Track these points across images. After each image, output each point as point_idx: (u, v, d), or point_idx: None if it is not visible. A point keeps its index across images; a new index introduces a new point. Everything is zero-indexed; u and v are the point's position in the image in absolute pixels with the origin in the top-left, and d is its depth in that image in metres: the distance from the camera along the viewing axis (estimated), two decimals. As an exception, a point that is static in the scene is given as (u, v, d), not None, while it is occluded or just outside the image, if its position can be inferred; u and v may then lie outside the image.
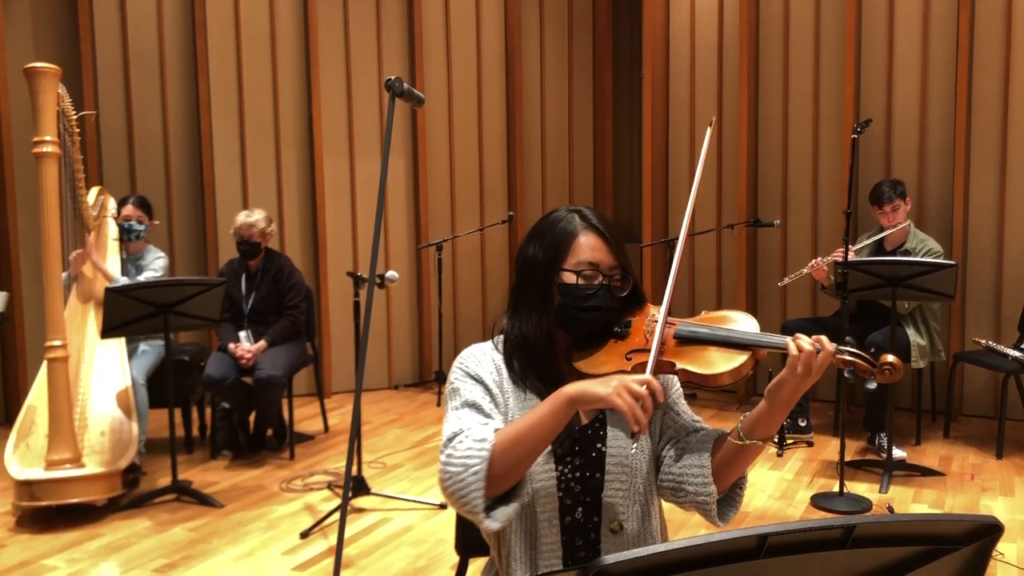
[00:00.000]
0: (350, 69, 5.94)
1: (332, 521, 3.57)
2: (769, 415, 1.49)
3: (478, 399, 1.53)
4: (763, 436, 1.50)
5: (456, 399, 1.55)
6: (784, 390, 1.47)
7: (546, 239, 1.60)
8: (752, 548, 0.82)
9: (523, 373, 1.59)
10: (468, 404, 1.52)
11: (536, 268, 1.60)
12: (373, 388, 6.13)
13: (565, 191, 6.91)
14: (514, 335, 1.61)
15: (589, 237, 1.59)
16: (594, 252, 1.58)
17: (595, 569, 0.78)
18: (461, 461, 1.40)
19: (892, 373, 1.47)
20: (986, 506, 3.71)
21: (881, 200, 4.54)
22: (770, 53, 5.58)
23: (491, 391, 1.57)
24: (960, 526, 0.90)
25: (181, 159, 5.71)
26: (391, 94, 1.78)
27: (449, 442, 1.45)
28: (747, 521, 3.58)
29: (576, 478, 1.57)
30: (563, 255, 1.58)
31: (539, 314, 1.59)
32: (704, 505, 1.54)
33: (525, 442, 1.41)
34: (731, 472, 1.54)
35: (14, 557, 3.30)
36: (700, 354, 1.53)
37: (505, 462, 1.40)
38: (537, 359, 1.59)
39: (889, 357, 1.47)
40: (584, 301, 1.56)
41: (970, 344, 4.92)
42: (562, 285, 1.57)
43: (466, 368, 1.59)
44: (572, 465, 1.56)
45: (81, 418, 3.84)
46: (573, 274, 1.57)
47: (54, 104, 3.72)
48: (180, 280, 4.28)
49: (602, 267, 1.58)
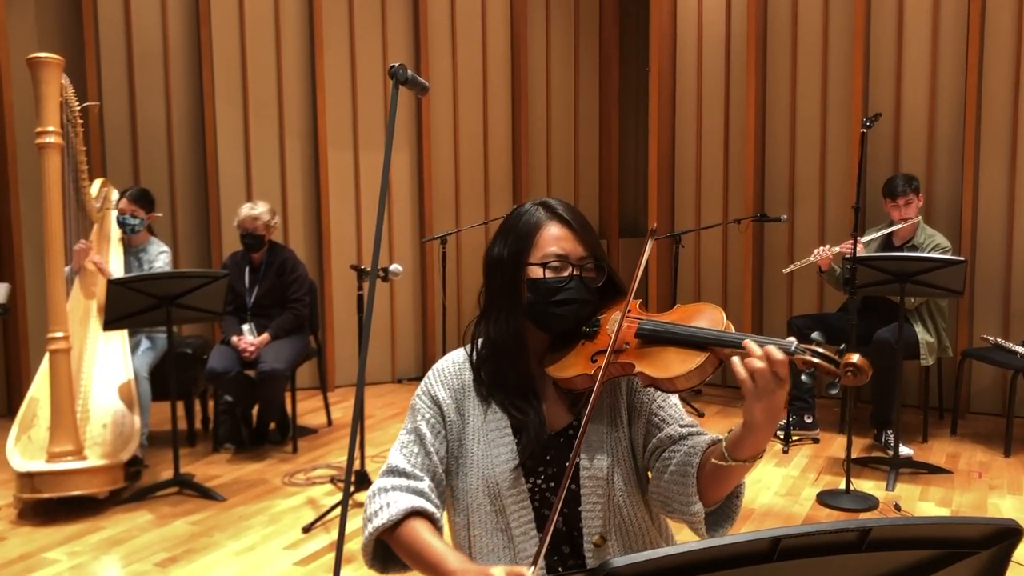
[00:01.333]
0: (354, 61, 5.91)
1: (334, 515, 3.56)
2: (750, 435, 1.34)
3: (425, 431, 1.54)
4: (748, 456, 1.36)
5: (410, 420, 1.58)
6: (753, 410, 1.32)
7: (511, 235, 1.53)
8: (765, 551, 0.79)
9: (491, 385, 1.53)
10: (418, 434, 1.55)
11: (502, 266, 1.52)
12: (376, 382, 6.12)
13: (570, 185, 6.88)
14: (485, 344, 1.56)
15: (555, 227, 1.50)
16: (560, 242, 1.49)
17: (604, 571, 0.76)
18: (372, 511, 1.49)
19: (856, 375, 1.29)
20: (994, 504, 3.68)
21: (895, 193, 4.50)
22: (778, 46, 5.54)
23: (447, 418, 1.55)
24: (978, 530, 0.88)
25: (185, 150, 5.69)
26: (395, 81, 1.75)
27: (390, 473, 1.53)
28: (753, 518, 3.56)
29: (550, 488, 1.50)
30: (528, 249, 1.50)
31: (507, 315, 1.52)
32: (691, 524, 1.45)
33: (411, 556, 1.45)
34: (720, 488, 1.42)
35: (15, 549, 3.29)
36: (659, 355, 1.41)
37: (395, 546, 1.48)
38: (505, 365, 1.53)
39: (854, 357, 1.29)
40: (554, 295, 1.48)
41: (978, 341, 4.88)
42: (530, 281, 1.50)
43: (431, 387, 1.58)
44: (546, 475, 1.51)
45: (83, 410, 3.83)
46: (539, 267, 1.49)
47: (57, 95, 3.70)
48: (183, 272, 4.27)
49: (571, 258, 1.49)
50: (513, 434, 1.51)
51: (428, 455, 1.53)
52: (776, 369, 1.28)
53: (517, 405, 1.52)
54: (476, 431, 1.53)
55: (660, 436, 1.51)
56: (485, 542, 1.52)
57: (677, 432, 1.50)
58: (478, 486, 1.51)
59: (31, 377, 4.04)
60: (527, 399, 1.53)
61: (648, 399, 1.54)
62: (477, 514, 1.52)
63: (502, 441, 1.51)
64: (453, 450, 1.55)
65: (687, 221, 5.91)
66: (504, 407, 1.52)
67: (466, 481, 1.53)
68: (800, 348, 1.31)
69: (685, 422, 1.53)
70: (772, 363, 1.28)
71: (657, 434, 1.52)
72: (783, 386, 1.30)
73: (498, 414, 1.52)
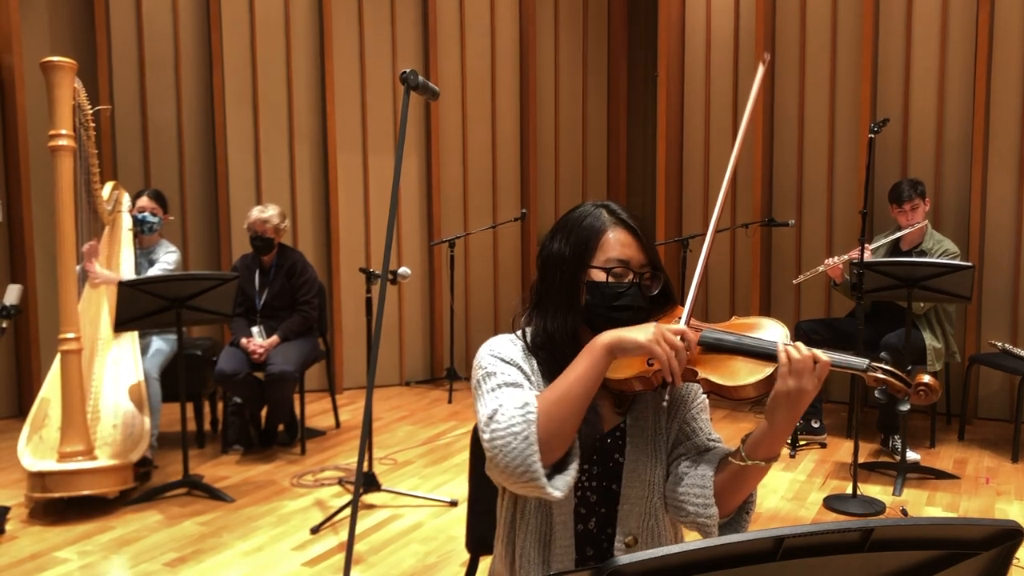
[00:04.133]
0: (364, 64, 5.94)
1: (342, 517, 3.57)
2: (771, 434, 1.41)
3: (518, 379, 1.47)
4: (766, 456, 1.42)
5: (491, 381, 1.47)
6: (779, 406, 1.38)
7: (573, 235, 1.53)
8: (768, 550, 0.81)
9: (545, 373, 1.53)
10: (507, 384, 1.45)
11: (562, 265, 1.52)
12: (384, 384, 6.13)
13: (578, 189, 6.89)
14: (539, 333, 1.55)
15: (619, 233, 1.52)
16: (624, 249, 1.50)
17: (609, 569, 0.77)
18: (507, 431, 1.34)
19: (928, 394, 1.37)
20: (1001, 510, 3.67)
21: (900, 199, 4.50)
22: (786, 51, 5.54)
23: (528, 375, 1.51)
24: (980, 531, 0.88)
25: (195, 153, 5.73)
26: (406, 87, 1.77)
27: (490, 419, 1.38)
28: (759, 522, 3.56)
29: (592, 487, 1.52)
30: (592, 252, 1.51)
31: (565, 313, 1.52)
32: (704, 528, 1.47)
33: (568, 399, 1.37)
34: (735, 494, 1.47)
35: (26, 549, 3.31)
36: (725, 363, 1.44)
37: (552, 424, 1.35)
38: (561, 359, 1.51)
39: (925, 378, 1.37)
40: (614, 300, 1.49)
41: (986, 346, 4.87)
42: (591, 283, 1.50)
43: (499, 354, 1.52)
44: (590, 473, 1.52)
45: (94, 411, 3.86)
46: (603, 271, 1.50)
47: (70, 98, 3.73)
48: (193, 274, 4.29)
49: (632, 264, 1.50)
50: None
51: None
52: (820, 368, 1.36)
53: None
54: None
55: (687, 444, 1.55)
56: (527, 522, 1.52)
57: (703, 443, 1.54)
58: None
59: (42, 377, 4.07)
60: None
61: (686, 407, 1.57)
62: (522, 498, 1.53)
63: None
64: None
65: (695, 225, 5.92)
66: None
67: None
68: (872, 366, 1.38)
69: (713, 436, 1.57)
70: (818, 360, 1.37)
71: (684, 441, 1.55)
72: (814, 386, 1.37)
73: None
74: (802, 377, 1.36)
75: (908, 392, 1.37)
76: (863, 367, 1.38)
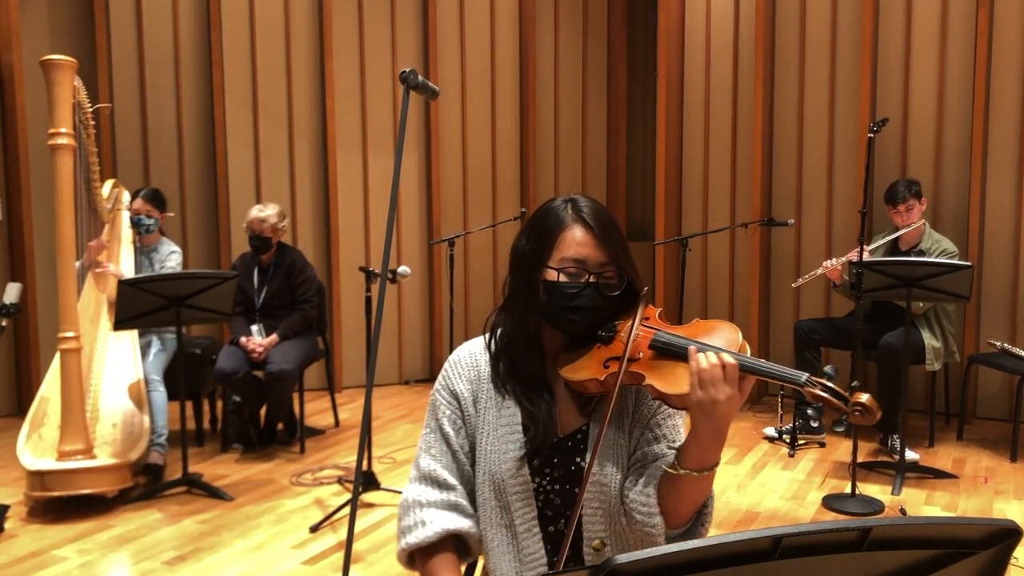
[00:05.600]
0: (363, 63, 5.94)
1: (341, 516, 3.57)
2: (696, 444, 1.36)
3: (448, 430, 1.55)
4: (697, 467, 1.36)
5: (433, 418, 1.58)
6: (695, 416, 1.34)
7: (535, 230, 1.52)
8: (766, 549, 0.81)
9: (506, 376, 1.53)
10: (442, 434, 1.55)
11: (523, 262, 1.52)
12: (384, 383, 6.14)
13: (578, 188, 6.89)
14: (503, 335, 1.56)
15: (577, 230, 1.47)
16: (580, 248, 1.46)
17: (607, 568, 0.77)
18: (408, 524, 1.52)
19: (864, 415, 1.30)
20: (1000, 510, 3.68)
21: (896, 199, 4.51)
22: (786, 51, 5.55)
23: (465, 412, 1.55)
24: (978, 530, 0.89)
25: (195, 152, 5.73)
26: (406, 86, 1.77)
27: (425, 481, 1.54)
28: (758, 521, 3.56)
29: (555, 490, 1.50)
30: (548, 250, 1.49)
31: (523, 311, 1.51)
32: (651, 536, 1.43)
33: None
34: (679, 504, 1.41)
35: (25, 547, 3.31)
36: (670, 370, 1.39)
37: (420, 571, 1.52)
38: (519, 361, 1.52)
39: (863, 397, 1.30)
40: (568, 300, 1.47)
41: (985, 346, 4.88)
42: (546, 282, 1.48)
43: (449, 380, 1.58)
44: (551, 477, 1.50)
45: (93, 410, 3.86)
46: (555, 271, 1.47)
47: (70, 96, 3.73)
48: (192, 273, 4.29)
49: (589, 264, 1.46)
50: (523, 431, 1.51)
51: (455, 454, 1.54)
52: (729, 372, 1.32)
53: (530, 397, 1.51)
54: (486, 424, 1.53)
55: (646, 450, 1.50)
56: (491, 536, 1.52)
57: (662, 451, 1.49)
58: (484, 480, 1.52)
59: (42, 376, 4.07)
60: (540, 394, 1.52)
61: (650, 411, 1.53)
62: (483, 508, 1.53)
63: (511, 437, 1.51)
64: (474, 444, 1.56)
65: (694, 225, 5.92)
66: (517, 398, 1.52)
67: (475, 474, 1.55)
68: (810, 381, 1.33)
69: (676, 443, 1.50)
70: (724, 366, 1.32)
71: (645, 447, 1.50)
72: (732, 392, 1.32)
73: (511, 408, 1.52)
74: (712, 386, 1.32)
75: (846, 411, 1.32)
76: (800, 381, 1.32)
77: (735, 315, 5.82)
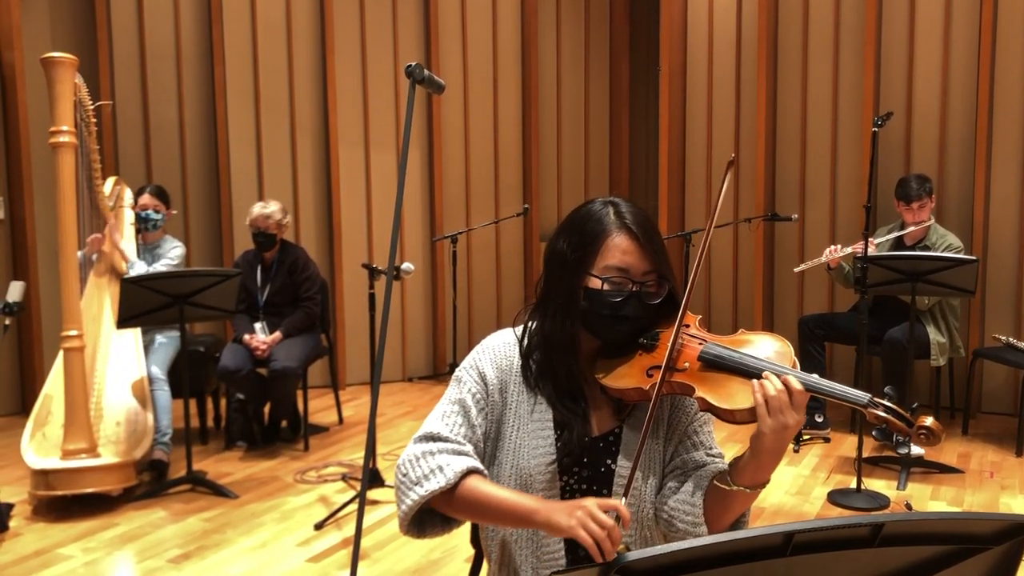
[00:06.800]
0: (365, 59, 5.92)
1: (346, 513, 3.57)
2: (754, 464, 1.36)
3: (470, 404, 1.50)
4: (751, 484, 1.37)
5: (456, 390, 1.53)
6: (761, 440, 1.34)
7: (575, 235, 1.48)
8: (778, 545, 0.80)
9: (538, 376, 1.51)
10: (462, 405, 1.50)
11: (563, 266, 1.49)
12: (387, 380, 6.13)
13: (580, 184, 6.88)
14: (536, 333, 1.53)
15: (621, 238, 1.46)
16: (624, 256, 1.45)
17: (618, 565, 0.76)
18: (420, 474, 1.42)
19: (929, 438, 1.30)
20: (1005, 504, 3.67)
21: (910, 197, 4.46)
22: (789, 45, 5.53)
23: (490, 397, 1.51)
24: (990, 525, 0.88)
25: (197, 149, 5.72)
26: (411, 80, 1.76)
27: (428, 439, 1.46)
28: (763, 517, 3.55)
29: (582, 490, 1.49)
30: (591, 257, 1.46)
31: (563, 316, 1.48)
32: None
33: (482, 511, 1.41)
34: (723, 515, 1.42)
35: (30, 546, 3.31)
36: (723, 383, 1.37)
37: (456, 505, 1.42)
38: (556, 363, 1.49)
39: (928, 420, 1.30)
40: (612, 310, 1.45)
41: (990, 341, 4.86)
42: (587, 290, 1.46)
43: (479, 362, 1.54)
44: (579, 476, 1.49)
45: (97, 408, 3.86)
46: (599, 279, 1.45)
47: (71, 94, 3.72)
48: (195, 271, 4.29)
49: (632, 273, 1.45)
50: (554, 429, 1.49)
51: (472, 427, 1.50)
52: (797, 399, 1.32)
53: (564, 403, 1.49)
54: (517, 418, 1.51)
55: (685, 457, 1.50)
56: (511, 530, 1.51)
57: (703, 459, 1.49)
58: (510, 474, 1.49)
59: (45, 375, 4.07)
60: (575, 398, 1.51)
61: (688, 419, 1.52)
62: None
63: (542, 434, 1.49)
64: (491, 432, 1.53)
65: (697, 220, 5.91)
66: (551, 401, 1.50)
67: (499, 468, 1.52)
68: (873, 402, 1.32)
69: (714, 451, 1.52)
70: (791, 392, 1.32)
71: (683, 455, 1.51)
72: (796, 415, 1.32)
73: (543, 406, 1.50)
74: (781, 414, 1.31)
75: (909, 433, 1.31)
76: (864, 402, 1.32)
77: (738, 310, 5.81)
